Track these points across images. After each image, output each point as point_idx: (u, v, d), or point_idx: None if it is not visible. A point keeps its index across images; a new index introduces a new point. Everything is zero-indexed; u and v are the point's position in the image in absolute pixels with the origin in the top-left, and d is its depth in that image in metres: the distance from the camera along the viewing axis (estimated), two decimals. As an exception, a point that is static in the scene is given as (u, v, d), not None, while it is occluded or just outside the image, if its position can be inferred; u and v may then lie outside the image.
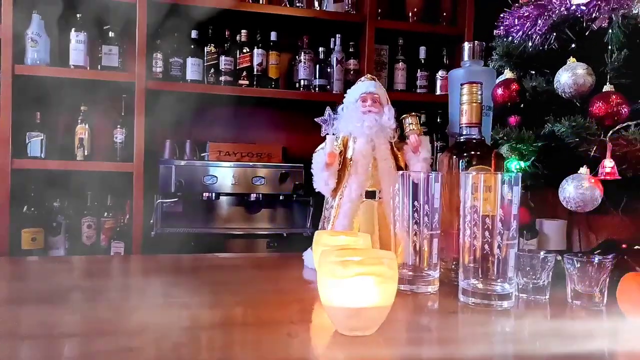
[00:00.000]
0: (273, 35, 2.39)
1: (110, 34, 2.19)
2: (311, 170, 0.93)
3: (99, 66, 2.19)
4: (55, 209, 2.16)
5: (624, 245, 0.78)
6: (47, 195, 2.15)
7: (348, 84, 2.47)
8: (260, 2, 2.37)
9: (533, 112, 0.92)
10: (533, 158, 0.88)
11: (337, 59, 2.43)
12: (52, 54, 2.14)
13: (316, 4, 2.45)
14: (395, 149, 0.94)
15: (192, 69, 2.29)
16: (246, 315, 0.67)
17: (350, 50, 2.47)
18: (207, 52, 2.32)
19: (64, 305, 0.69)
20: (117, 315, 0.64)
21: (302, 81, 2.43)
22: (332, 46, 2.47)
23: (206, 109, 2.35)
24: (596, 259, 0.72)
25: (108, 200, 2.24)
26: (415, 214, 0.80)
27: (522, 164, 0.87)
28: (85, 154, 2.18)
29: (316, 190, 0.94)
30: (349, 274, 0.55)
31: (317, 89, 2.43)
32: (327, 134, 0.93)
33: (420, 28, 2.50)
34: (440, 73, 2.54)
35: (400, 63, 2.53)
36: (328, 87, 2.45)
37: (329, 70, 2.46)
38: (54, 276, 0.87)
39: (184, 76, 2.29)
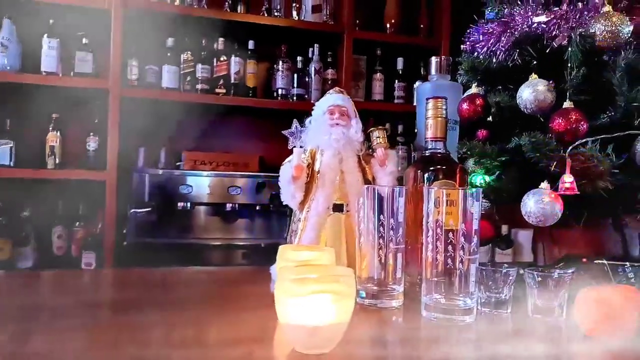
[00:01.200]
0: (251, 44, 2.39)
1: (84, 40, 2.16)
2: (278, 183, 0.92)
3: (72, 73, 2.15)
4: (25, 219, 2.10)
5: (584, 260, 0.79)
6: (16, 204, 2.10)
7: (326, 93, 2.48)
8: (239, 11, 2.37)
9: (500, 126, 0.93)
10: (498, 172, 0.89)
11: (315, 68, 2.44)
12: (23, 59, 2.10)
13: (294, 13, 2.46)
14: (363, 162, 0.94)
15: (168, 76, 2.27)
16: (204, 334, 0.65)
17: (329, 60, 2.49)
18: (183, 59, 2.30)
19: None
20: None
21: (280, 90, 2.43)
22: (310, 56, 2.47)
23: (182, 117, 2.32)
24: (556, 273, 0.73)
25: (80, 210, 2.19)
26: (381, 228, 0.80)
27: (487, 178, 0.88)
28: (57, 162, 2.13)
29: (284, 203, 0.93)
30: (305, 292, 0.54)
31: (295, 98, 2.43)
32: (295, 146, 0.93)
33: (398, 39, 2.53)
34: (417, 84, 2.57)
35: (378, 74, 2.56)
36: (306, 96, 2.46)
37: (307, 79, 2.46)
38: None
39: (160, 84, 2.27)
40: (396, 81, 2.56)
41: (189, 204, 2.18)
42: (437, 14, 2.58)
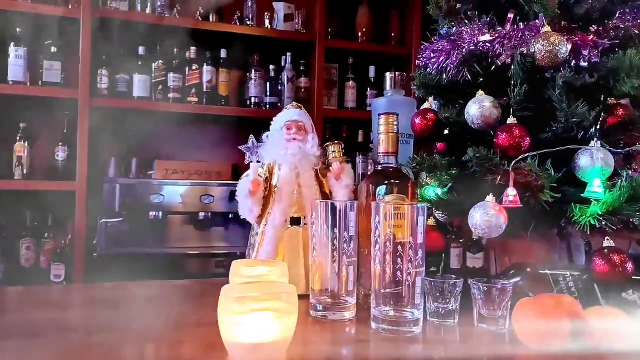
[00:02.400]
0: (223, 53, 2.39)
1: (53, 49, 2.13)
2: (236, 197, 0.93)
3: (40, 82, 2.12)
4: (-9, 231, 2.07)
5: (528, 269, 0.82)
6: (-18, 216, 2.06)
7: (299, 101, 2.49)
8: (211, 20, 2.37)
9: (455, 140, 0.96)
10: (450, 185, 0.92)
11: (288, 77, 2.46)
12: (-11, 69, 2.07)
13: (267, 22, 2.47)
14: (320, 175, 0.96)
15: (140, 85, 2.26)
16: (146, 353, 0.65)
17: (302, 68, 2.50)
18: (154, 68, 2.30)
19: None
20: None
21: (253, 99, 2.44)
22: (283, 64, 2.49)
23: (154, 127, 2.31)
24: (499, 284, 0.76)
25: (49, 221, 2.16)
26: (335, 241, 0.81)
27: (439, 191, 0.91)
28: (25, 172, 2.10)
29: (241, 217, 0.94)
30: (245, 310, 0.55)
31: (268, 106, 2.44)
32: (251, 161, 0.94)
33: (370, 48, 2.56)
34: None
35: (351, 82, 2.58)
36: (279, 104, 2.47)
37: (280, 88, 2.48)
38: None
39: (131, 93, 2.25)
40: (368, 89, 2.59)
41: (161, 214, 2.17)
42: (408, 23, 2.63)
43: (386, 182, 0.86)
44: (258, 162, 0.94)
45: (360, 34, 2.58)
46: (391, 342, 0.71)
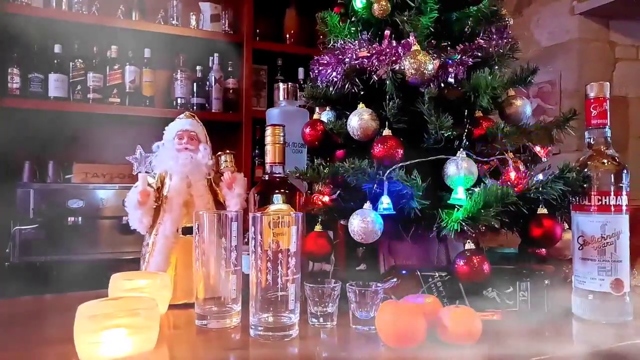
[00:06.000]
0: (147, 52, 2.34)
1: (-44, 46, 2.00)
2: (125, 208, 0.93)
3: (-58, 81, 1.99)
4: None
5: (403, 271, 0.88)
6: None
7: (228, 102, 2.49)
8: (133, 18, 2.31)
9: (347, 149, 1.01)
10: (339, 192, 0.96)
11: (215, 77, 2.44)
12: None
13: (193, 22, 2.44)
14: (214, 184, 0.98)
15: (56, 85, 2.17)
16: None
17: (229, 69, 2.49)
18: (72, 67, 2.21)
19: None
20: None
21: (179, 99, 2.41)
22: (210, 65, 2.47)
23: (72, 128, 2.22)
24: (373, 286, 0.81)
25: (-45, 229, 2.03)
26: (223, 250, 0.83)
27: (326, 198, 0.95)
28: None
29: (131, 228, 0.94)
30: (98, 328, 0.56)
31: (195, 107, 2.41)
32: (139, 172, 0.94)
33: (298, 50, 2.59)
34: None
35: (280, 83, 2.60)
36: (207, 105, 2.45)
37: (207, 89, 2.45)
38: None
39: (46, 93, 2.16)
40: (298, 91, 2.62)
41: (80, 219, 2.09)
42: (336, 26, 2.68)
43: (272, 191, 0.88)
44: (147, 172, 0.94)
45: (288, 36, 2.60)
46: (269, 347, 0.74)
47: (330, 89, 0.95)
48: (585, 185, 0.84)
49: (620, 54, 2.38)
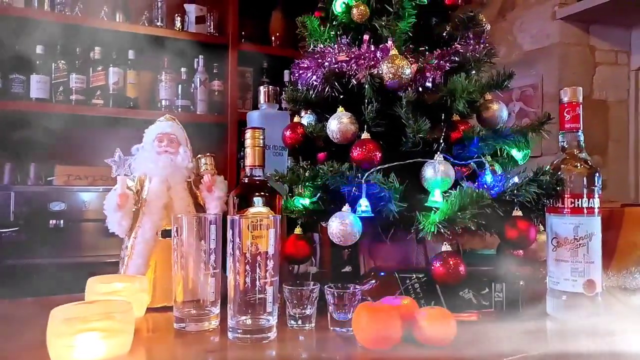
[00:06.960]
0: (131, 54, 2.32)
1: None
2: (104, 212, 0.92)
3: None
4: None
5: (382, 273, 0.89)
6: None
7: (213, 104, 2.48)
8: (117, 19, 2.30)
9: (328, 152, 1.01)
10: (319, 194, 0.96)
11: (200, 79, 2.43)
12: None
13: (178, 24, 2.43)
14: (194, 187, 0.98)
15: (38, 86, 2.14)
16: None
17: (215, 71, 2.49)
18: (55, 68, 2.18)
19: None
20: None
21: (164, 101, 2.39)
22: (195, 67, 2.46)
23: (55, 130, 2.19)
24: (351, 288, 0.81)
25: None
26: (202, 253, 0.83)
27: (308, 201, 0.95)
28: None
29: (110, 231, 0.93)
30: (71, 332, 0.56)
31: (180, 109, 2.40)
32: (118, 174, 0.94)
33: (283, 52, 2.59)
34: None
35: (261, 86, 2.60)
36: (192, 107, 2.44)
37: (192, 91, 2.45)
38: None
39: (28, 94, 2.13)
40: (283, 93, 2.62)
41: (62, 222, 2.07)
42: (322, 29, 2.69)
43: (252, 194, 0.89)
44: (126, 175, 0.93)
45: (273, 38, 2.61)
46: (247, 350, 0.74)
47: (311, 92, 0.96)
48: (558, 188, 0.85)
49: (600, 59, 2.43)
